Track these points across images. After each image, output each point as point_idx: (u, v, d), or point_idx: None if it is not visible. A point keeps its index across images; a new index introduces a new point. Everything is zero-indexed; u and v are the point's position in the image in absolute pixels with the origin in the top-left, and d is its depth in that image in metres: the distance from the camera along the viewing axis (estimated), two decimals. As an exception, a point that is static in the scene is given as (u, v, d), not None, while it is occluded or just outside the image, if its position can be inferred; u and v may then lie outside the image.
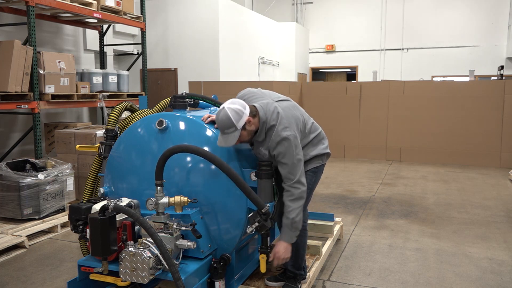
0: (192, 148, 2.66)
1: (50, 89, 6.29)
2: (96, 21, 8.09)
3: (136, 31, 10.67)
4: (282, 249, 2.85)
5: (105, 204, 2.50)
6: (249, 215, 2.70)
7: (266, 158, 2.85)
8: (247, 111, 2.72)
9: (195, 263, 2.74)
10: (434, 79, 15.20)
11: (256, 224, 2.65)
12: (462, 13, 15.17)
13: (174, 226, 2.61)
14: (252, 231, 2.68)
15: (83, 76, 7.45)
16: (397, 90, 9.28)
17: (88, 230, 2.60)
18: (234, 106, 2.69)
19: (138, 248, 2.47)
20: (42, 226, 4.73)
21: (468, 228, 4.92)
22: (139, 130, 3.11)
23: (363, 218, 5.33)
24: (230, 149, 2.90)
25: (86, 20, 8.00)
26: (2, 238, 4.31)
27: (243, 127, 2.71)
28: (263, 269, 2.96)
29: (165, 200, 2.64)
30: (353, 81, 17.91)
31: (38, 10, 6.83)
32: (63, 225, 4.91)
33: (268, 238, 2.96)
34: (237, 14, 12.09)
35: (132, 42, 10.87)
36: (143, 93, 8.69)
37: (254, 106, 2.82)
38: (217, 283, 2.82)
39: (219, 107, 3.41)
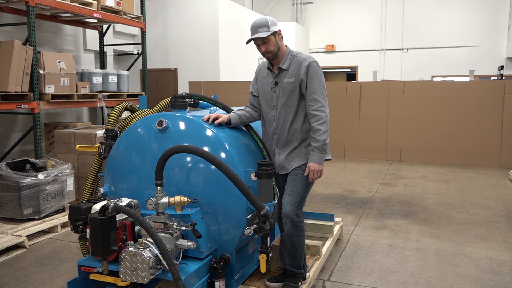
0: (192, 148, 2.67)
1: (50, 89, 6.29)
2: (96, 21, 8.10)
3: (136, 31, 10.68)
4: (316, 166, 2.98)
5: (105, 204, 2.50)
6: (247, 217, 2.70)
7: (290, 89, 3.03)
8: (279, 27, 3.07)
9: (195, 263, 2.74)
10: (434, 79, 15.20)
11: (254, 226, 2.65)
12: (462, 13, 15.17)
13: (174, 226, 2.61)
14: (250, 232, 2.68)
15: (83, 76, 7.45)
16: (397, 90, 9.28)
17: (88, 230, 2.60)
18: (272, 17, 3.06)
19: (138, 248, 2.47)
20: (42, 226, 4.73)
21: (468, 228, 4.92)
22: (139, 130, 3.11)
23: (363, 218, 5.33)
24: (230, 149, 2.90)
25: (86, 20, 8.00)
26: (2, 238, 4.31)
27: (274, 34, 3.01)
28: (263, 269, 2.96)
29: (165, 200, 2.64)
30: (353, 81, 17.91)
31: (38, 10, 6.83)
32: (63, 225, 4.91)
33: (268, 238, 2.96)
34: (237, 14, 12.10)
35: (132, 42, 10.88)
36: (143, 93, 8.70)
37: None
38: (217, 283, 2.81)
39: (219, 107, 3.43)
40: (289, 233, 3.04)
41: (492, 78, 13.99)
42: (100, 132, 5.63)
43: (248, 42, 3.05)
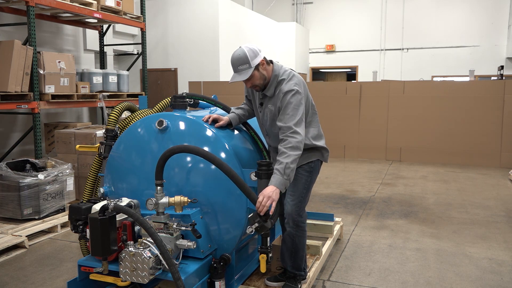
0: (192, 148, 2.67)
1: (50, 89, 6.29)
2: (96, 21, 8.10)
3: (136, 31, 10.67)
4: (268, 190, 2.61)
5: (105, 204, 2.50)
6: (248, 216, 2.70)
7: (271, 117, 2.94)
8: (262, 53, 2.86)
9: (195, 263, 2.74)
10: (434, 79, 15.20)
11: (256, 224, 2.63)
12: (462, 13, 15.17)
13: (174, 226, 2.61)
14: (251, 231, 2.67)
15: (83, 76, 7.45)
16: (397, 90, 9.28)
17: (88, 230, 2.60)
18: (251, 46, 2.85)
19: (138, 248, 2.47)
20: (42, 226, 4.73)
21: (468, 228, 4.92)
22: (139, 130, 3.11)
23: (363, 218, 5.33)
24: (230, 149, 2.90)
25: (86, 20, 8.00)
26: (2, 238, 4.31)
27: (256, 67, 2.82)
28: (263, 269, 2.96)
29: (165, 200, 2.64)
30: (353, 81, 17.91)
31: (38, 10, 6.83)
32: (63, 225, 4.91)
33: (268, 238, 2.96)
34: (237, 14, 12.10)
35: (132, 42, 10.87)
36: (143, 93, 8.69)
37: (272, 60, 2.98)
38: (217, 283, 2.82)
39: (219, 107, 3.43)
40: (291, 234, 3.04)
41: (492, 78, 13.98)
42: (100, 132, 5.63)
43: (230, 82, 2.93)
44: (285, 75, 2.94)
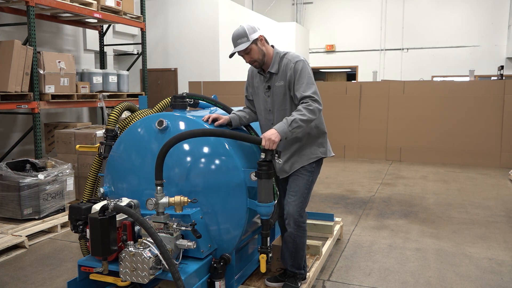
0: (185, 134, 2.68)
1: (50, 89, 6.29)
2: (96, 21, 8.10)
3: (136, 31, 10.68)
4: (269, 133, 2.72)
5: (105, 204, 2.50)
6: (262, 158, 2.74)
7: (282, 92, 2.98)
8: (261, 31, 2.98)
9: (195, 263, 2.74)
10: (434, 79, 15.20)
11: (276, 155, 2.72)
12: (462, 13, 15.18)
13: (174, 226, 2.61)
14: (279, 163, 2.80)
15: (83, 76, 7.45)
16: (397, 90, 9.28)
17: (88, 230, 2.60)
18: (251, 24, 2.97)
19: (138, 248, 2.47)
20: (42, 226, 4.73)
21: (468, 228, 4.92)
22: (139, 130, 3.11)
23: (363, 218, 5.33)
24: (230, 149, 2.90)
25: (86, 20, 8.00)
26: (2, 238, 4.31)
27: (255, 42, 2.92)
28: (263, 269, 2.95)
29: (165, 200, 2.64)
30: (353, 81, 17.91)
31: (38, 10, 6.83)
32: (63, 225, 4.91)
33: (268, 238, 2.95)
34: (237, 14, 12.10)
35: (132, 42, 10.88)
36: (143, 93, 8.69)
37: (273, 45, 3.10)
38: (217, 283, 2.81)
39: (219, 107, 3.43)
40: (292, 234, 3.04)
41: (492, 78, 13.98)
42: (100, 132, 5.63)
43: (230, 56, 3.00)
44: (286, 52, 3.07)
